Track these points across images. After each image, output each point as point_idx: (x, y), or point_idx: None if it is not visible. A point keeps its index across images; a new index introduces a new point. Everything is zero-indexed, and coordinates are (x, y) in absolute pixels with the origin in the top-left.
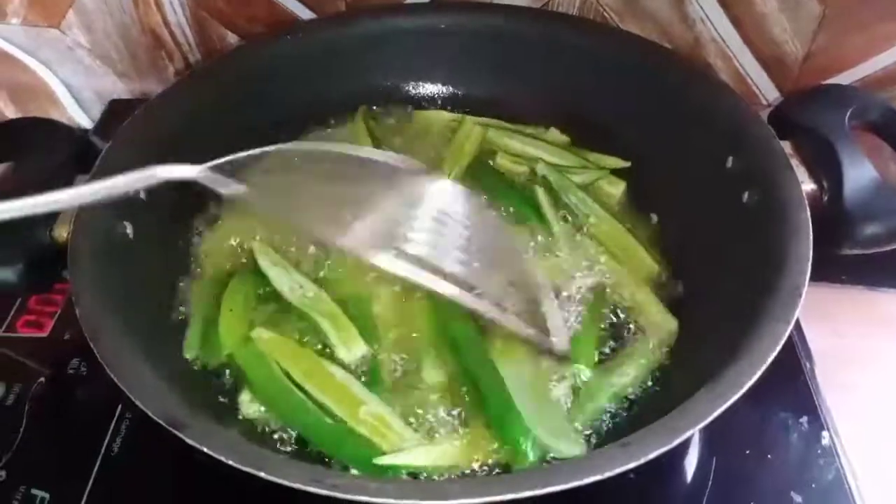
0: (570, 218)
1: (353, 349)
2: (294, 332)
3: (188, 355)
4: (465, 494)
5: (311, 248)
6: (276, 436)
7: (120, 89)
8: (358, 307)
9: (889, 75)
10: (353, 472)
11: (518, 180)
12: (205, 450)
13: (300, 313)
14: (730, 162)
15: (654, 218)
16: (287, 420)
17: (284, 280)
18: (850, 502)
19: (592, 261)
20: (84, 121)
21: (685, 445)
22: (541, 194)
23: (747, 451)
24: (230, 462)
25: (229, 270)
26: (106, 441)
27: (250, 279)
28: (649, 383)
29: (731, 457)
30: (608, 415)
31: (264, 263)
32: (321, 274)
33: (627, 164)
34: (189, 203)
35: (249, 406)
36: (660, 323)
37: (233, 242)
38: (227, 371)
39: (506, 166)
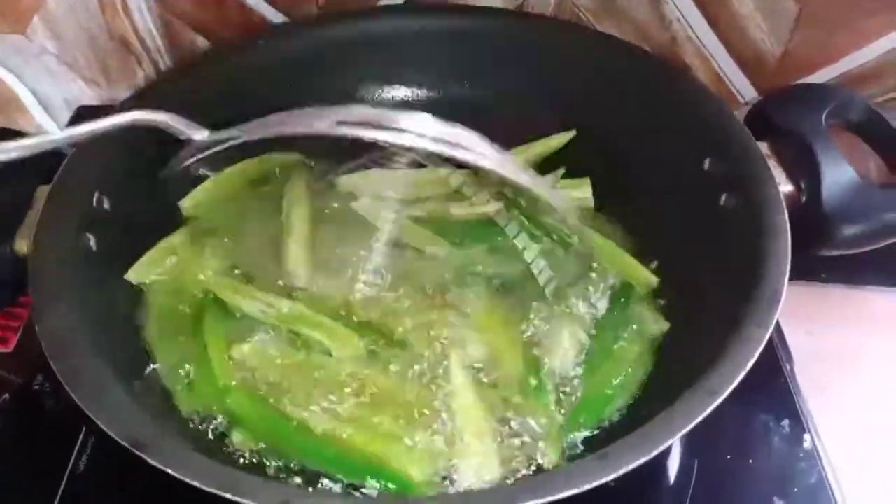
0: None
1: (348, 347)
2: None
3: (184, 408)
4: None
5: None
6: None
7: (89, 96)
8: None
9: (867, 72)
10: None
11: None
12: (169, 471)
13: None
14: (707, 163)
15: (633, 222)
16: (285, 453)
17: (254, 305)
18: None
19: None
20: (52, 127)
21: (666, 449)
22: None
23: (728, 456)
24: (196, 483)
25: (189, 305)
26: (72, 459)
27: (221, 314)
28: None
29: (712, 461)
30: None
31: (228, 295)
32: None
33: (572, 133)
34: (154, 216)
35: (243, 445)
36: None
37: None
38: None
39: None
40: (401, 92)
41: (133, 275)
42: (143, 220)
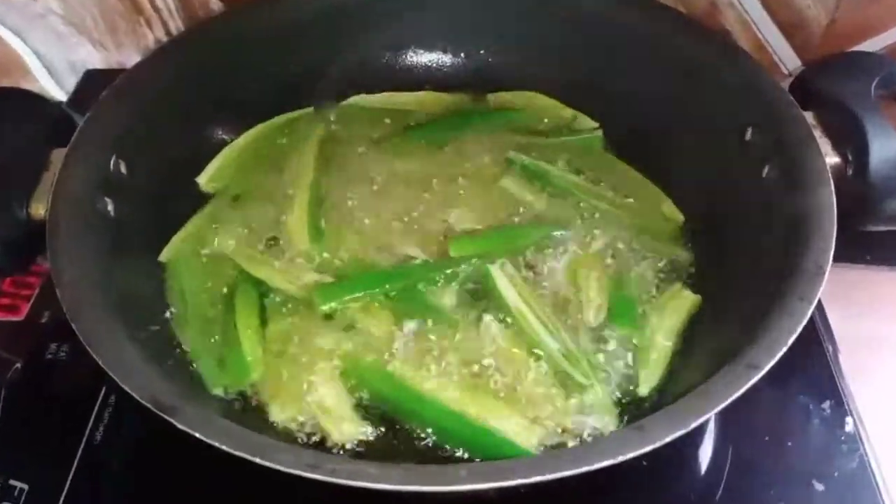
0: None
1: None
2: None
3: (216, 391)
4: (472, 480)
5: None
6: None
7: (96, 59)
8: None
9: None
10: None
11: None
12: (197, 435)
13: None
14: (749, 134)
15: (672, 193)
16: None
17: (279, 278)
18: (874, 490)
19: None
20: (57, 93)
21: (700, 431)
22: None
23: (766, 438)
24: (224, 448)
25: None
26: (88, 429)
27: (250, 289)
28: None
29: (748, 444)
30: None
31: (253, 268)
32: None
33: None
34: (172, 184)
35: (280, 415)
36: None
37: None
38: None
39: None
40: (424, 58)
41: (165, 255)
42: (161, 188)
